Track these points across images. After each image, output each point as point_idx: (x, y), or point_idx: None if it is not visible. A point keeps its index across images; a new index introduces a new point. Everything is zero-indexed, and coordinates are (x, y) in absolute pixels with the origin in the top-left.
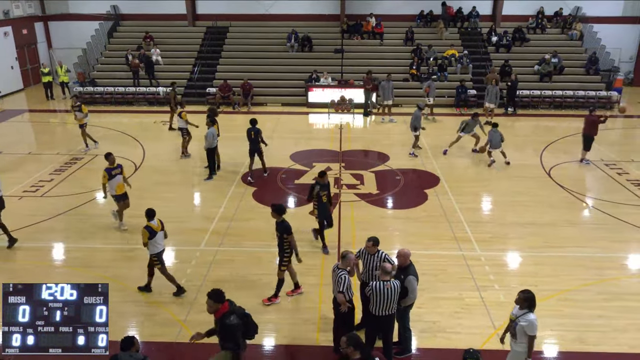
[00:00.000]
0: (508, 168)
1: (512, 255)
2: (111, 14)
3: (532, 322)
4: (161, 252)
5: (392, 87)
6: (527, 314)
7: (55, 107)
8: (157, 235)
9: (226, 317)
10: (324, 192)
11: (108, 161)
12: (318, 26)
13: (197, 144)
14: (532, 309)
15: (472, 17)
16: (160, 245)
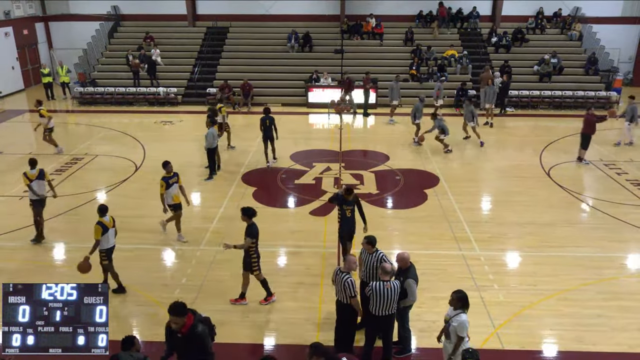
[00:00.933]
0: (506, 169)
1: (511, 255)
2: (112, 15)
3: (463, 323)
4: (111, 248)
5: (400, 88)
6: (459, 315)
7: (56, 107)
8: (109, 231)
9: (195, 327)
10: (348, 208)
11: (165, 170)
12: (318, 26)
13: (197, 144)
14: (465, 310)
15: (472, 17)
16: (111, 242)
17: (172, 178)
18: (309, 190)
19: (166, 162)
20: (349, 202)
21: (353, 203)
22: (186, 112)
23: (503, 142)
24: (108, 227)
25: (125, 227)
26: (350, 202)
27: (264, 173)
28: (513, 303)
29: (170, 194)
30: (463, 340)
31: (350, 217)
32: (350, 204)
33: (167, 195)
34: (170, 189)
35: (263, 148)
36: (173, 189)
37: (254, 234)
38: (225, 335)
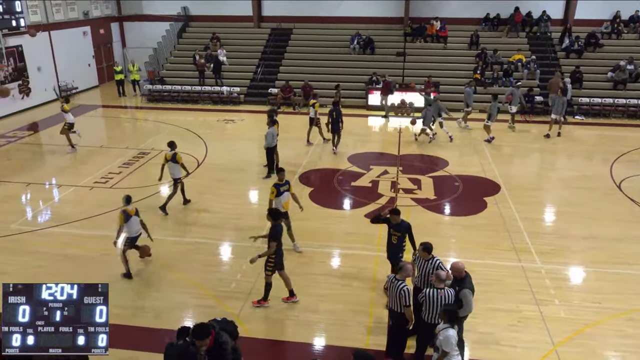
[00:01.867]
0: (572, 178)
1: (574, 269)
2: (181, 15)
3: (448, 338)
4: (135, 237)
5: (473, 93)
6: (446, 329)
7: (127, 103)
8: (131, 219)
9: (219, 337)
10: (396, 234)
11: (278, 177)
12: (381, 29)
13: (257, 143)
14: (452, 324)
15: (542, 21)
16: (134, 230)
17: (283, 185)
18: (365, 193)
19: (280, 169)
20: (398, 227)
21: (404, 230)
22: (248, 111)
23: (571, 151)
24: (130, 214)
25: (184, 222)
26: (398, 226)
27: (321, 174)
28: (575, 320)
29: (280, 202)
30: (447, 355)
31: (396, 244)
32: (399, 229)
33: (277, 203)
34: (281, 197)
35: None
36: (284, 197)
37: (277, 236)
38: (275, 332)
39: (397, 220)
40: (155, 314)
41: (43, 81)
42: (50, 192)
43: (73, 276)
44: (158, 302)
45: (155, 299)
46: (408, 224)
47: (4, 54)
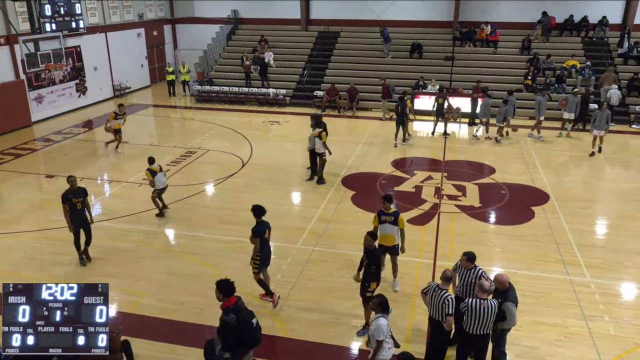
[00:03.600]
0: (626, 189)
1: (627, 285)
2: (231, 18)
3: (379, 327)
4: (163, 188)
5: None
6: (377, 319)
7: (176, 103)
8: (157, 175)
9: (226, 312)
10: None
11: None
12: (430, 33)
13: (301, 145)
14: (385, 314)
15: (599, 26)
16: (161, 183)
17: (388, 215)
18: (408, 198)
19: (387, 197)
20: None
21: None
22: (293, 113)
23: (626, 161)
24: (156, 171)
25: (222, 219)
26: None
27: (364, 177)
28: (625, 338)
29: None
30: (382, 345)
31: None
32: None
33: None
34: (383, 226)
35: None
36: (386, 229)
37: (255, 232)
38: (313, 334)
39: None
40: (195, 310)
41: (99, 80)
42: (102, 187)
43: (124, 267)
44: (197, 299)
45: (195, 295)
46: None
47: (64, 53)
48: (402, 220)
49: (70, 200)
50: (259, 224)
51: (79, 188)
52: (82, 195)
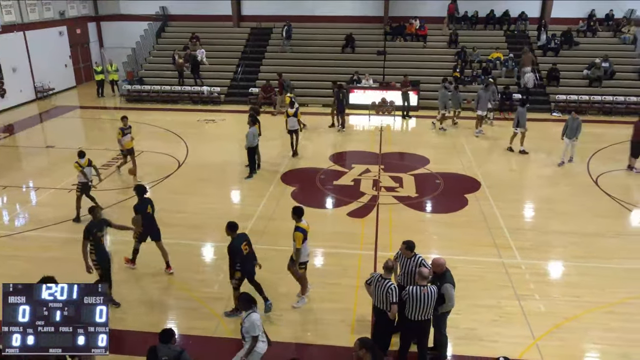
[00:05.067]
0: (551, 175)
1: (554, 264)
2: (160, 15)
3: (253, 323)
4: (86, 186)
5: (488, 98)
6: (249, 315)
7: (105, 104)
8: (85, 169)
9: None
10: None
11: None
12: (361, 28)
13: (238, 143)
14: (254, 308)
15: (519, 20)
16: (88, 178)
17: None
18: (347, 192)
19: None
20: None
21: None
22: (228, 111)
23: (549, 147)
24: (84, 166)
25: (164, 222)
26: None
27: (303, 173)
28: (555, 314)
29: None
30: (257, 340)
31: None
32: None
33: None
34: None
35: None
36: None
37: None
38: None
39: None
40: (135, 316)
41: (18, 82)
42: (28, 195)
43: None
44: (138, 304)
45: (136, 300)
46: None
47: None
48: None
49: (95, 234)
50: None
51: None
52: (105, 227)
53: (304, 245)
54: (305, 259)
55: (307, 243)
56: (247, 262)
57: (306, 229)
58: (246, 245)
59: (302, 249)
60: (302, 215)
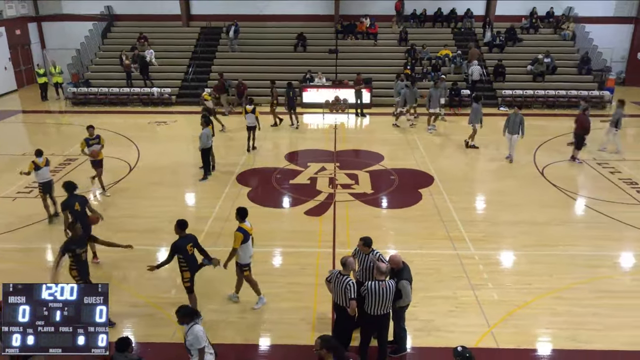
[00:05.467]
0: (500, 168)
1: (505, 254)
2: (105, 15)
3: (196, 335)
4: (47, 186)
5: (440, 95)
6: (192, 327)
7: (50, 108)
8: (41, 169)
9: None
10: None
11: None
12: (312, 26)
13: (192, 144)
14: (194, 321)
15: (466, 17)
16: (43, 177)
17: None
18: (303, 190)
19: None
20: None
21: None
22: (180, 112)
23: (497, 141)
24: (40, 166)
25: (118, 228)
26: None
27: (259, 173)
28: (508, 302)
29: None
30: (204, 352)
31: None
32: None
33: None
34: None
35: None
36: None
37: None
38: (219, 336)
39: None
40: None
41: None
42: None
43: None
44: None
45: None
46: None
47: None
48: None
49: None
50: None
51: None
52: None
53: (245, 247)
54: (247, 260)
55: (250, 245)
56: (193, 262)
57: (249, 230)
58: (191, 247)
59: (242, 250)
60: (246, 217)
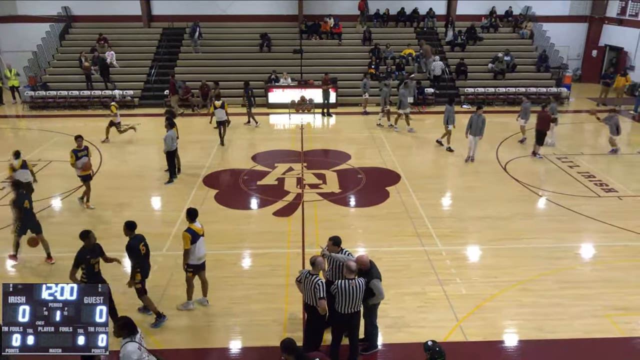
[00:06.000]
0: (465, 165)
1: (472, 248)
2: (62, 16)
3: (127, 355)
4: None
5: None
6: (125, 345)
7: (6, 112)
8: (17, 172)
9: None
10: None
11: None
12: (277, 27)
13: (156, 147)
14: (132, 337)
15: (428, 17)
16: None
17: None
18: (271, 191)
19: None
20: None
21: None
22: (143, 114)
23: (460, 138)
24: (17, 168)
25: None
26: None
27: (226, 175)
28: (475, 296)
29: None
30: None
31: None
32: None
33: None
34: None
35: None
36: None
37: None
38: (190, 340)
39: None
40: None
41: None
42: None
43: None
44: None
45: None
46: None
47: None
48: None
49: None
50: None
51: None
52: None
53: (195, 248)
54: (195, 262)
55: (201, 246)
56: (144, 263)
57: (198, 231)
58: (143, 246)
59: (191, 250)
60: (196, 217)
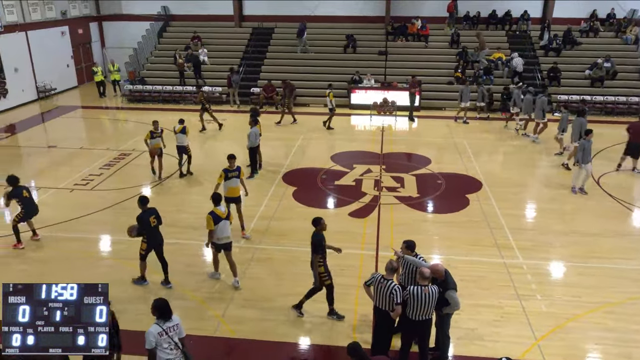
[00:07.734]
0: (553, 175)
1: (555, 264)
2: (162, 15)
3: (147, 334)
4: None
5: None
6: (152, 325)
7: (107, 104)
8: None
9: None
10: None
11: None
12: (363, 28)
13: (240, 143)
14: (161, 320)
15: (521, 20)
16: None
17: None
18: (348, 192)
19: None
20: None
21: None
22: (230, 111)
23: (550, 148)
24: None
25: (166, 222)
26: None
27: (305, 173)
28: (556, 314)
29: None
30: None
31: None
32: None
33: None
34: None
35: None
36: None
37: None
38: (261, 333)
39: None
40: (135, 314)
41: (20, 82)
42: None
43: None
44: (139, 304)
45: (137, 301)
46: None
47: None
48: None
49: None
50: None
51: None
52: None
53: (217, 229)
54: (216, 241)
55: (224, 228)
56: (153, 235)
57: (221, 215)
58: (154, 218)
59: (215, 230)
60: (220, 202)
